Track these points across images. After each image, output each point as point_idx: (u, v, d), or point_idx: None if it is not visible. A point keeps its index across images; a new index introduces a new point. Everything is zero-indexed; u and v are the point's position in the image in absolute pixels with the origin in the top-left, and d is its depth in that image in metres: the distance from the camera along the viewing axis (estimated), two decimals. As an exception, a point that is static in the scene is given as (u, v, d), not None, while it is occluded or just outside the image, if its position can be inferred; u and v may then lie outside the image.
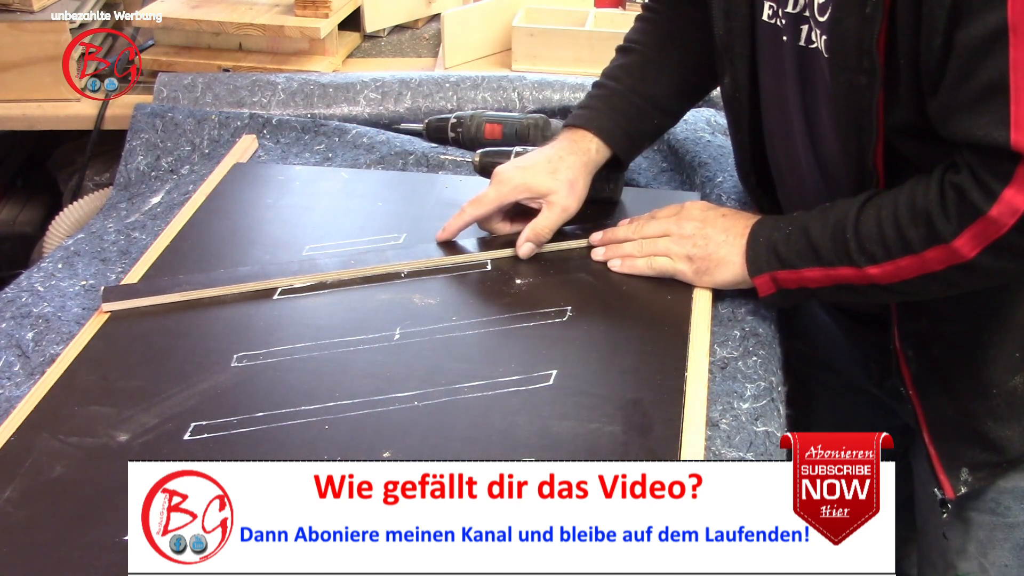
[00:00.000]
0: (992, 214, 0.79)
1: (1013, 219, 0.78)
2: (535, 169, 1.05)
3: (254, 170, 1.28)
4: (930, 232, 0.83)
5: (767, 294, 0.96)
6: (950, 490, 1.02)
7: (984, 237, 0.80)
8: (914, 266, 0.86)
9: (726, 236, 0.98)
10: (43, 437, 0.83)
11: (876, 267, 0.88)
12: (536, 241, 1.05)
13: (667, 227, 1.02)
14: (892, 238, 0.86)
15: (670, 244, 1.00)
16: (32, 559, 0.72)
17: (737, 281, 0.98)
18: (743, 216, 1.00)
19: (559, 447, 0.82)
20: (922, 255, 0.84)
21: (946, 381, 1.00)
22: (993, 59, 0.75)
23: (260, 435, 0.83)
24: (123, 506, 0.76)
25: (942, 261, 0.84)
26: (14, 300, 1.05)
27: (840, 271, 0.90)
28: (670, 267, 1.00)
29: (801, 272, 0.92)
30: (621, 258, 1.03)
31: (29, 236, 1.74)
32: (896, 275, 0.87)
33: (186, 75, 1.48)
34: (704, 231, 0.99)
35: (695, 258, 0.99)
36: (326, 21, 1.57)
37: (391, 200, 1.20)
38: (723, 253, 0.98)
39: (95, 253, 1.14)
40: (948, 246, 0.82)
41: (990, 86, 0.76)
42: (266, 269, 1.05)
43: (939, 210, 0.82)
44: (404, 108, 1.44)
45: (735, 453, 0.85)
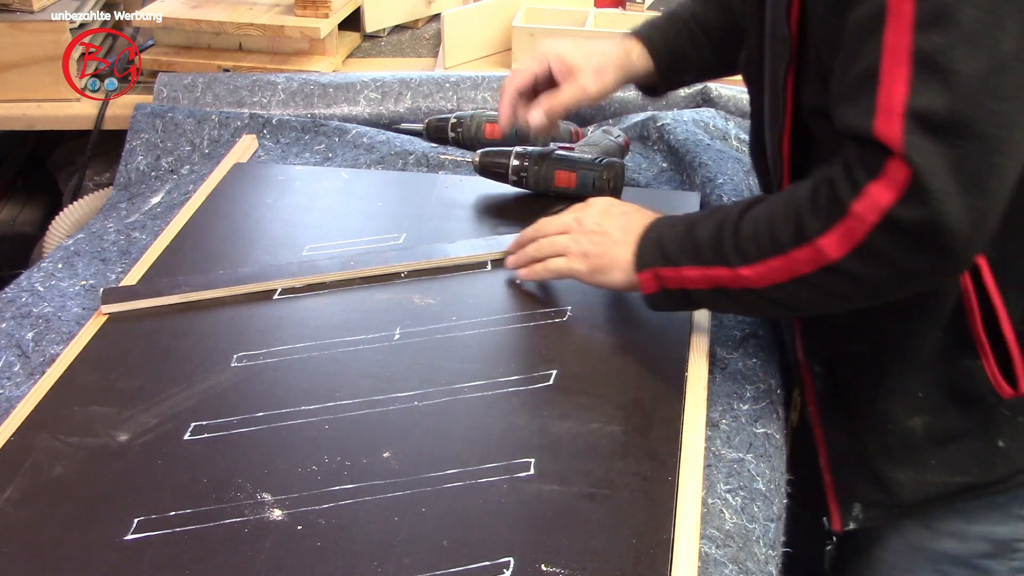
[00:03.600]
0: (856, 209, 0.71)
1: (876, 217, 0.70)
2: (571, 46, 1.06)
3: (254, 170, 1.28)
4: (798, 230, 0.76)
5: (650, 292, 0.88)
6: (837, 522, 0.95)
7: (849, 237, 0.72)
8: (784, 267, 0.78)
9: (623, 235, 0.92)
10: (43, 437, 0.83)
11: (748, 267, 0.80)
12: (547, 110, 1.05)
13: (568, 223, 0.96)
14: (765, 236, 0.79)
15: (568, 241, 0.95)
16: (32, 559, 0.72)
17: (628, 283, 0.91)
18: (645, 214, 0.93)
19: (559, 447, 0.82)
20: (790, 255, 0.77)
21: (846, 407, 0.94)
22: (871, 43, 0.69)
23: (260, 435, 0.83)
24: (123, 506, 0.76)
25: (810, 262, 0.76)
26: (14, 300, 1.05)
27: (716, 271, 0.83)
28: (565, 267, 0.95)
29: (681, 270, 0.85)
30: (525, 265, 0.99)
31: (29, 236, 1.74)
32: (767, 277, 0.79)
33: (186, 75, 1.48)
34: (603, 227, 0.93)
35: (591, 255, 0.93)
36: (326, 21, 1.57)
37: (391, 200, 1.20)
38: (618, 252, 0.91)
39: (95, 253, 1.14)
40: (814, 244, 0.75)
41: (867, 72, 0.70)
42: (266, 270, 1.05)
43: (809, 205, 0.75)
44: (404, 108, 1.44)
45: (735, 454, 0.85)
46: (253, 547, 0.72)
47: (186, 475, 0.79)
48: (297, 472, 0.79)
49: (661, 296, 0.88)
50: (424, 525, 0.74)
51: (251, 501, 0.76)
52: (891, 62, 0.67)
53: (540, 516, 0.75)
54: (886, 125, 0.68)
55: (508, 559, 0.72)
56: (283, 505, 0.76)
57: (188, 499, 0.76)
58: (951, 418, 0.88)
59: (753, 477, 0.83)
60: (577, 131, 1.34)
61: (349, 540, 0.73)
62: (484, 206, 1.18)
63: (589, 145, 1.22)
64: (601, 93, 1.06)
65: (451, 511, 0.76)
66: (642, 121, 1.37)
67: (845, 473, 0.95)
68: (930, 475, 0.90)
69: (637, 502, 0.77)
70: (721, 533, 0.77)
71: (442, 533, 0.74)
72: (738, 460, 0.84)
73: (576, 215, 0.96)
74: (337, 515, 0.75)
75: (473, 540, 0.73)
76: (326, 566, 0.71)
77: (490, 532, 0.74)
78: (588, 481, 0.78)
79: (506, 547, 0.72)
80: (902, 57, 0.67)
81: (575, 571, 0.71)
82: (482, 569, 0.71)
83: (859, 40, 0.70)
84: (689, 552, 0.73)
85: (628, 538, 0.73)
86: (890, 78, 0.68)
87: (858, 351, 0.92)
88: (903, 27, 0.66)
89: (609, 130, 1.26)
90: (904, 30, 0.66)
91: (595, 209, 0.96)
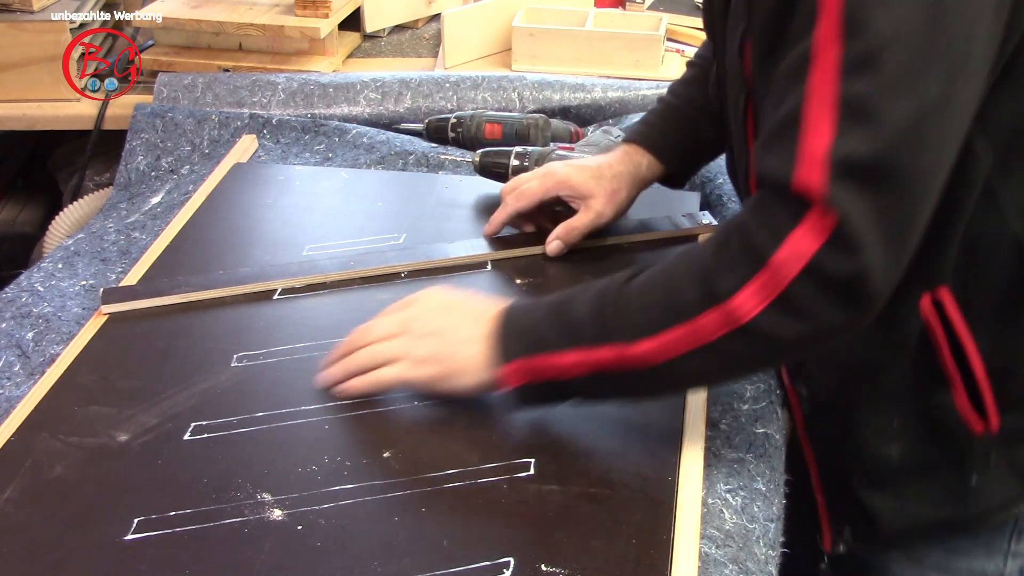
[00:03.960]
0: (777, 259, 0.66)
1: (800, 265, 0.66)
2: (582, 171, 1.06)
3: (254, 170, 1.28)
4: (706, 291, 0.70)
5: (513, 387, 0.79)
6: (828, 543, 0.94)
7: (768, 290, 0.67)
8: (685, 337, 0.71)
9: (468, 330, 0.81)
10: (43, 437, 0.83)
11: (642, 343, 0.72)
12: (565, 239, 1.05)
13: (394, 328, 0.84)
14: (662, 303, 0.72)
15: (399, 347, 0.83)
16: (32, 559, 0.72)
17: (482, 384, 0.81)
18: (484, 305, 0.83)
19: (559, 447, 0.82)
20: (695, 321, 0.70)
21: (829, 431, 0.92)
22: (796, 88, 0.66)
23: (260, 435, 0.83)
24: (123, 506, 0.76)
25: (718, 327, 0.69)
26: (14, 300, 1.05)
27: (601, 352, 0.74)
28: (397, 377, 0.83)
29: (556, 357, 0.76)
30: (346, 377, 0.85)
31: (29, 236, 1.74)
32: (664, 352, 0.72)
33: (186, 75, 1.48)
34: (439, 328, 0.82)
35: (430, 362, 0.81)
36: (326, 21, 1.57)
37: (391, 200, 1.20)
38: (464, 354, 0.80)
39: (95, 253, 1.14)
40: (726, 305, 0.68)
41: (790, 117, 0.66)
42: (266, 270, 1.05)
43: (717, 262, 0.70)
44: (404, 108, 1.44)
45: (735, 453, 0.85)
46: (253, 547, 0.72)
47: (186, 475, 0.79)
48: (297, 472, 0.79)
49: (526, 391, 0.79)
50: (424, 525, 0.74)
51: (251, 501, 0.76)
52: (816, 107, 0.64)
53: (540, 516, 0.75)
54: (809, 172, 0.64)
55: (508, 559, 0.72)
56: (283, 505, 0.76)
57: (188, 499, 0.76)
58: (925, 449, 0.86)
59: (753, 477, 0.83)
60: (577, 131, 1.34)
61: (349, 540, 0.73)
62: (484, 206, 1.18)
63: (589, 145, 1.22)
64: (617, 215, 1.06)
65: (451, 511, 0.76)
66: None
67: (834, 495, 0.94)
68: (909, 506, 0.89)
69: (637, 502, 0.77)
70: (721, 533, 0.77)
71: (442, 533, 0.74)
72: (738, 460, 0.84)
73: (402, 316, 0.85)
74: (337, 515, 0.75)
75: (473, 540, 0.73)
76: (326, 566, 0.71)
77: (490, 532, 0.74)
78: (588, 481, 0.78)
79: (506, 547, 0.72)
80: (827, 102, 0.64)
81: (575, 571, 0.71)
82: (482, 569, 0.71)
83: (785, 85, 0.67)
84: (689, 552, 0.73)
85: (628, 538, 0.73)
86: (814, 124, 0.64)
87: (830, 379, 0.90)
88: (828, 72, 0.64)
89: (609, 130, 1.26)
90: (829, 75, 0.64)
91: (423, 307, 0.85)
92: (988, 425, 0.82)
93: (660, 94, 1.12)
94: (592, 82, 1.47)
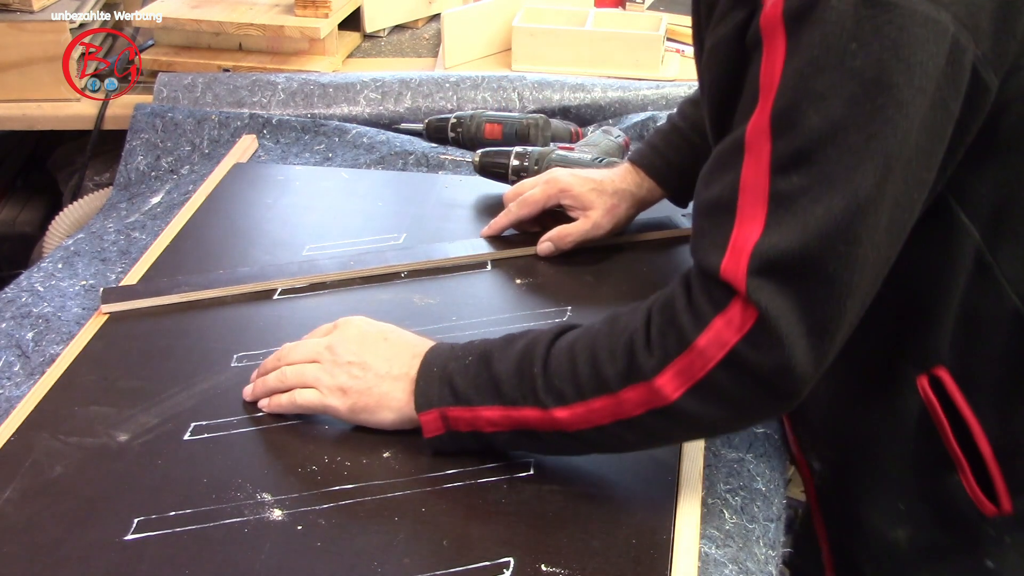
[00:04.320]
0: (699, 344, 0.66)
1: (721, 352, 0.65)
2: (584, 182, 1.07)
3: (254, 170, 1.28)
4: (630, 366, 0.69)
5: (433, 435, 0.78)
6: None
7: (689, 374, 0.67)
8: (608, 409, 0.70)
9: (389, 367, 0.80)
10: (43, 437, 0.83)
11: (565, 409, 0.72)
12: (557, 243, 1.06)
13: (317, 351, 0.83)
14: (585, 374, 0.71)
15: (320, 373, 0.82)
16: (32, 559, 0.72)
17: (402, 421, 0.80)
18: (412, 341, 0.83)
19: (559, 447, 0.82)
20: (618, 395, 0.70)
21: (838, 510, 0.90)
22: (729, 176, 0.65)
23: (260, 435, 0.83)
24: (123, 506, 0.76)
25: (641, 404, 0.69)
26: (14, 300, 1.05)
27: (523, 412, 0.73)
28: (318, 403, 0.82)
29: (477, 411, 0.75)
30: (266, 395, 0.85)
31: (29, 236, 1.74)
32: (586, 420, 0.72)
33: (186, 75, 1.48)
34: (363, 358, 0.81)
35: (350, 391, 0.81)
36: (326, 21, 1.57)
37: (391, 200, 1.20)
38: (385, 389, 0.80)
39: (95, 253, 1.14)
40: (649, 384, 0.68)
41: (723, 205, 0.66)
42: (266, 270, 1.05)
43: (643, 339, 0.69)
44: (404, 108, 1.44)
45: (735, 453, 0.85)
46: (253, 547, 0.72)
47: (186, 475, 0.79)
48: (297, 472, 0.79)
49: (447, 439, 0.78)
50: (424, 525, 0.74)
51: (251, 501, 0.76)
52: (748, 199, 0.64)
53: (540, 516, 0.75)
54: (734, 264, 0.64)
55: (508, 559, 0.71)
56: (283, 505, 0.76)
57: (188, 499, 0.76)
58: (935, 533, 0.83)
59: (753, 477, 0.83)
60: (577, 131, 1.34)
61: (349, 540, 0.73)
62: (484, 206, 1.18)
63: (589, 145, 1.22)
64: (614, 229, 1.07)
65: (451, 511, 0.76)
66: (642, 121, 1.37)
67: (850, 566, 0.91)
68: None
69: (637, 502, 0.77)
70: (721, 533, 0.77)
71: (442, 533, 0.74)
72: (738, 460, 0.84)
73: (327, 341, 0.84)
74: (337, 515, 0.75)
75: (473, 540, 0.73)
76: (326, 566, 0.71)
77: (490, 532, 0.74)
78: (588, 481, 0.78)
79: (506, 547, 0.72)
80: (759, 196, 0.63)
81: (575, 571, 0.71)
82: (482, 569, 0.71)
83: (720, 165, 0.67)
84: (689, 552, 0.73)
85: (628, 538, 0.73)
86: (745, 216, 0.64)
87: (835, 459, 0.89)
88: (761, 165, 0.63)
89: (609, 130, 1.26)
90: (762, 169, 0.63)
91: (349, 334, 0.84)
92: (1000, 507, 0.78)
93: (662, 94, 1.12)
94: (592, 82, 1.47)
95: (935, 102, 0.61)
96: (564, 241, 1.06)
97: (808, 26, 0.59)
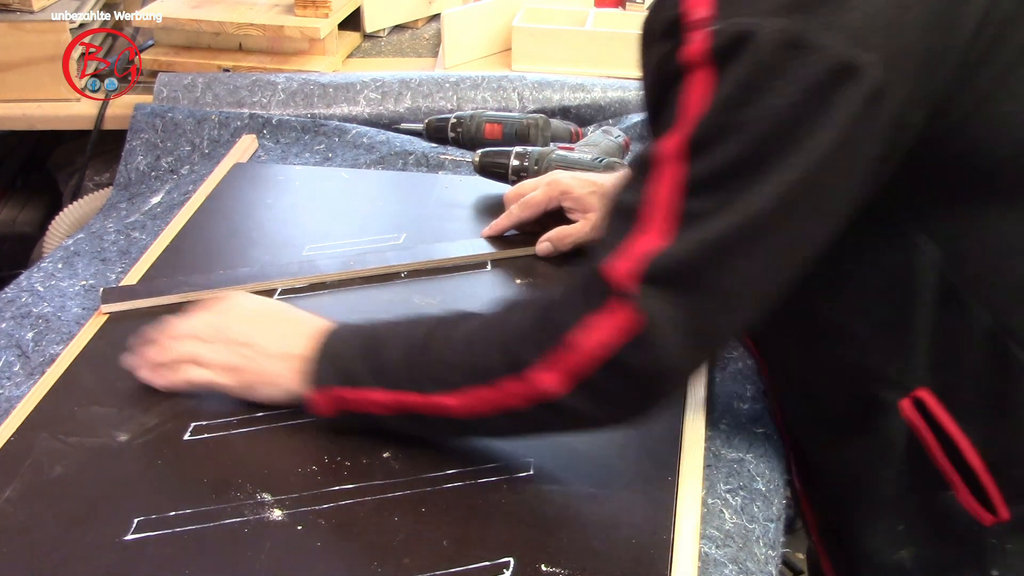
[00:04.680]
0: (583, 343, 0.67)
1: (601, 353, 0.67)
2: (585, 184, 1.07)
3: (254, 170, 1.28)
4: (509, 358, 0.70)
5: (324, 414, 0.80)
6: None
7: (573, 372, 0.68)
8: (492, 399, 0.72)
9: (278, 346, 0.82)
10: (43, 437, 0.83)
11: (450, 397, 0.73)
12: (556, 244, 1.06)
13: (201, 328, 0.85)
14: (468, 363, 0.73)
15: (205, 351, 0.83)
16: (32, 559, 0.72)
17: (289, 398, 0.82)
18: (304, 320, 0.84)
19: (559, 447, 0.82)
20: (498, 386, 0.71)
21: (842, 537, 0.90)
22: (641, 183, 0.67)
23: (260, 435, 0.83)
24: (123, 506, 0.76)
25: (524, 397, 0.70)
26: (14, 300, 1.05)
27: (410, 397, 0.75)
28: (206, 380, 0.84)
29: (367, 393, 0.77)
30: (149, 368, 0.86)
31: (29, 236, 1.74)
32: (470, 409, 0.73)
33: (186, 75, 1.48)
34: (250, 338, 0.83)
35: (239, 370, 0.82)
36: (326, 21, 1.57)
37: (391, 200, 1.20)
38: (273, 368, 0.81)
39: (95, 253, 1.14)
40: (530, 378, 0.69)
41: (626, 210, 0.67)
42: (266, 270, 1.05)
43: (526, 332, 0.70)
44: (404, 108, 1.44)
45: (735, 453, 0.85)
46: (253, 547, 0.72)
47: (186, 475, 0.79)
48: (297, 472, 0.79)
49: (338, 418, 0.80)
50: (424, 525, 0.74)
51: (251, 501, 0.76)
52: (654, 213, 0.65)
53: (540, 516, 0.75)
54: (625, 267, 0.65)
55: (508, 559, 0.71)
56: (283, 505, 0.76)
57: (188, 499, 0.76)
58: (938, 549, 0.83)
59: (753, 477, 0.83)
60: (577, 131, 1.34)
61: (349, 540, 0.73)
62: (484, 206, 1.18)
63: (589, 145, 1.22)
64: None
65: (451, 511, 0.76)
66: (642, 121, 1.37)
67: None
68: None
69: (637, 502, 0.77)
70: (721, 533, 0.77)
71: (442, 533, 0.74)
72: (738, 460, 0.84)
73: (214, 320, 0.85)
74: (337, 515, 0.75)
75: (473, 540, 0.73)
76: (326, 566, 0.71)
77: (490, 532, 0.74)
78: (588, 481, 0.78)
79: (506, 547, 0.72)
80: (666, 211, 0.65)
81: (575, 571, 0.71)
82: (482, 569, 0.71)
83: (635, 174, 0.68)
84: (689, 552, 0.73)
85: (628, 538, 0.73)
86: (649, 227, 0.65)
87: (832, 485, 0.89)
88: (674, 183, 0.65)
89: (609, 130, 1.26)
90: (674, 186, 0.65)
91: (237, 313, 0.85)
92: (998, 516, 0.78)
93: None
94: (592, 82, 1.47)
95: (847, 141, 0.62)
96: (563, 242, 1.06)
97: (734, 63, 0.61)
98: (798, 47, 0.60)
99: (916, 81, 0.63)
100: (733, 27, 0.61)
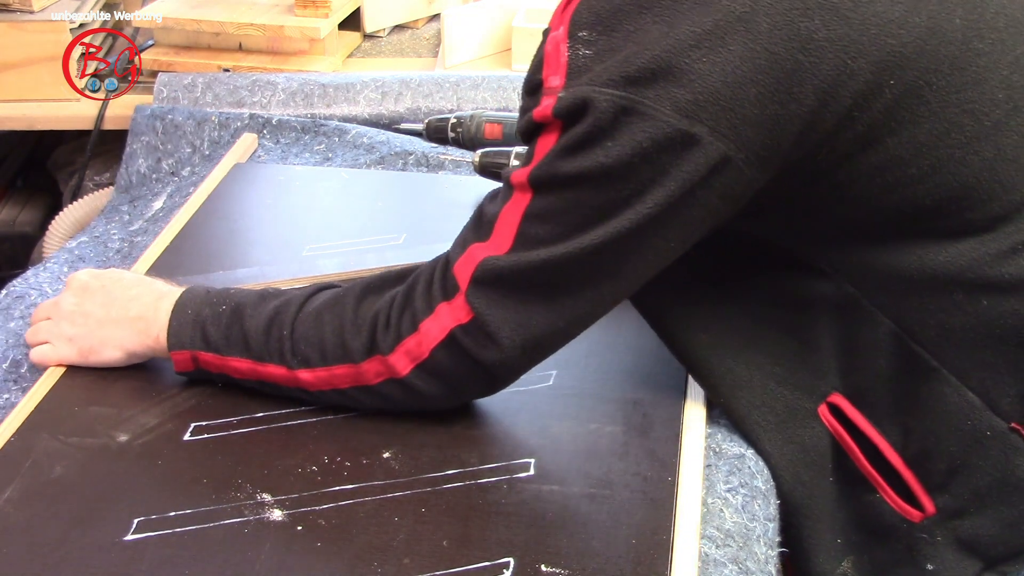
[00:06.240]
0: (425, 326, 0.76)
1: (441, 336, 0.76)
2: None
3: (254, 170, 1.28)
4: (371, 341, 0.78)
5: (184, 371, 0.86)
6: None
7: (415, 354, 0.77)
8: (349, 376, 0.80)
9: (107, 312, 0.88)
10: (43, 437, 0.83)
11: (309, 372, 0.81)
12: None
13: (48, 309, 0.92)
14: (331, 343, 0.80)
15: (49, 327, 0.90)
16: (32, 559, 0.72)
17: (129, 359, 0.89)
18: (141, 284, 0.90)
19: (559, 447, 0.82)
20: (359, 366, 0.79)
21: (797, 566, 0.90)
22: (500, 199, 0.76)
23: (260, 435, 0.83)
24: (123, 506, 0.76)
25: (379, 375, 0.79)
26: (23, 296, 1.05)
27: (269, 369, 0.82)
28: (53, 355, 0.90)
29: (226, 360, 0.83)
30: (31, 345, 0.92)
31: (29, 236, 1.74)
32: (328, 383, 0.81)
33: (186, 75, 1.48)
34: (83, 307, 0.89)
35: (75, 339, 0.89)
36: (326, 21, 1.57)
37: (391, 200, 1.20)
38: (106, 332, 0.88)
39: (100, 262, 1.15)
40: (385, 359, 0.78)
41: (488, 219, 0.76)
42: (266, 270, 1.05)
43: (384, 318, 0.78)
44: (404, 108, 1.44)
45: (736, 449, 0.85)
46: (253, 547, 0.72)
47: (186, 475, 0.79)
48: (297, 472, 0.79)
49: (195, 374, 0.87)
50: (424, 525, 0.74)
51: (251, 501, 0.76)
52: (501, 227, 0.74)
53: (540, 516, 0.75)
54: (465, 266, 0.75)
55: (508, 559, 0.72)
56: (283, 505, 0.76)
57: (188, 499, 0.77)
58: (875, 553, 0.85)
59: (753, 475, 0.83)
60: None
61: (349, 540, 0.73)
62: (484, 206, 1.18)
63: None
64: None
65: (451, 511, 0.76)
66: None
67: None
68: None
69: (637, 502, 0.77)
70: (721, 533, 0.77)
71: (442, 533, 0.74)
72: (738, 456, 0.84)
73: (55, 298, 0.92)
74: (337, 515, 0.75)
75: (473, 540, 0.73)
76: (326, 566, 0.71)
77: (490, 532, 0.74)
78: (588, 481, 0.79)
79: (506, 547, 0.73)
80: (510, 229, 0.74)
81: (575, 571, 0.71)
82: (482, 569, 0.71)
83: (500, 191, 0.77)
84: (689, 552, 0.73)
85: (628, 538, 0.73)
86: (494, 237, 0.74)
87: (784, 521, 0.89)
88: (519, 208, 0.74)
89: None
90: (519, 211, 0.74)
91: (71, 288, 0.91)
92: (924, 510, 0.81)
93: None
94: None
95: (683, 201, 0.70)
96: None
97: (575, 121, 0.70)
98: (631, 114, 0.68)
99: (762, 145, 0.69)
100: (578, 94, 0.69)
